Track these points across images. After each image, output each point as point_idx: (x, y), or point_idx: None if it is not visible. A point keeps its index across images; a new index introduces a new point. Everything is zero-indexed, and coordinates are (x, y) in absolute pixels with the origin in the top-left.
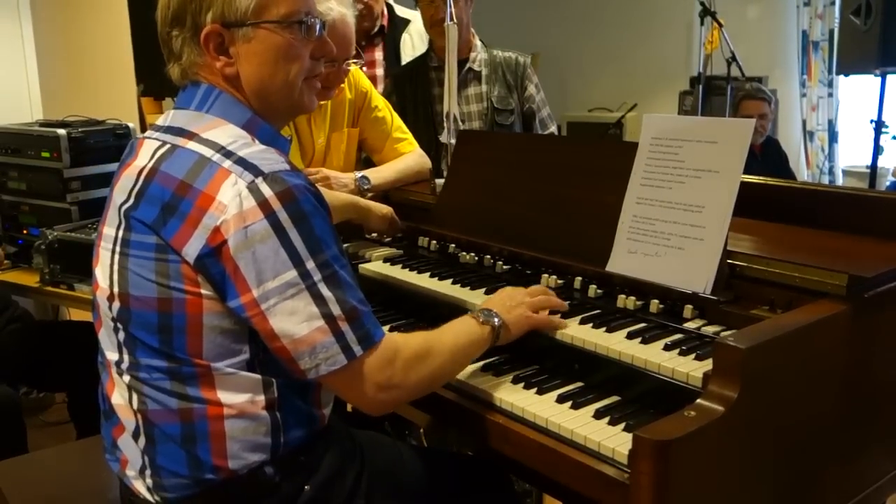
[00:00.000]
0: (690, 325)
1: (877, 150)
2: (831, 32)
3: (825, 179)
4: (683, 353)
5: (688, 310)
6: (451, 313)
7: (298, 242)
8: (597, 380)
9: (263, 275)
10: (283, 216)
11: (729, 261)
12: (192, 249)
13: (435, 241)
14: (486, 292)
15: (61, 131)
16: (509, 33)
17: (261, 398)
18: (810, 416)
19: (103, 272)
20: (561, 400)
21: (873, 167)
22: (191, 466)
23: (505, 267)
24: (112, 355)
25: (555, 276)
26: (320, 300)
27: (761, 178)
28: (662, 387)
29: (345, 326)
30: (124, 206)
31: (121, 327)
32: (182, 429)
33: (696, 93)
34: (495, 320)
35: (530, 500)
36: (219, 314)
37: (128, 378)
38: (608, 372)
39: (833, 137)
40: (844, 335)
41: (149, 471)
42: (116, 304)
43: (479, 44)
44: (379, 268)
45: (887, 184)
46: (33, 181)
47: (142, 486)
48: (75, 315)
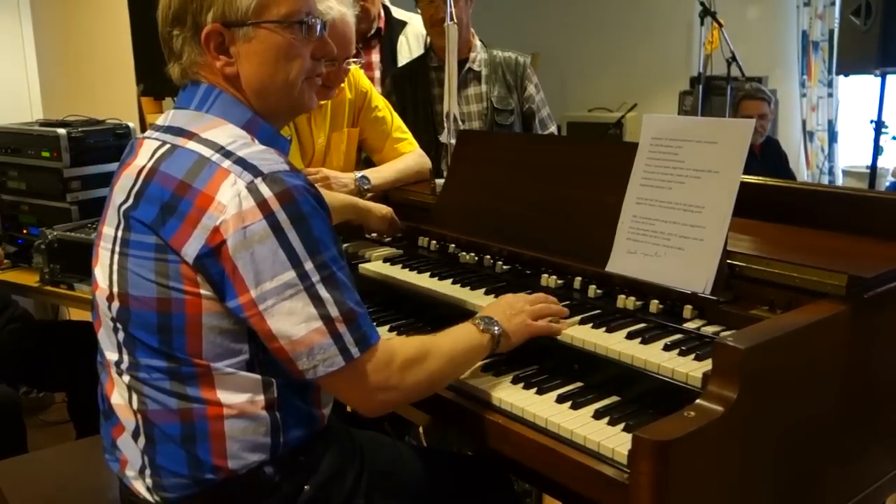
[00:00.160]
0: (690, 326)
1: (876, 151)
2: (831, 32)
3: (825, 180)
4: (683, 354)
5: (687, 310)
6: (451, 313)
7: (297, 243)
8: (596, 380)
9: (262, 275)
10: (281, 217)
11: (729, 261)
12: (192, 249)
13: (435, 241)
14: (486, 292)
15: (61, 131)
16: (509, 33)
17: (260, 398)
18: (810, 417)
19: (103, 272)
20: (561, 400)
21: (873, 167)
22: (190, 466)
23: (505, 267)
24: (111, 355)
25: (554, 277)
26: (318, 301)
27: (761, 178)
28: (662, 387)
29: (342, 328)
30: (124, 206)
31: (120, 327)
32: (182, 429)
33: (696, 93)
34: (495, 329)
35: (530, 500)
36: (218, 314)
37: (127, 378)
38: (608, 372)
39: (833, 137)
40: (844, 335)
41: (148, 471)
42: (116, 303)
43: (478, 44)
44: (379, 268)
45: (887, 184)
46: (33, 181)
47: (141, 486)
48: (75, 315)
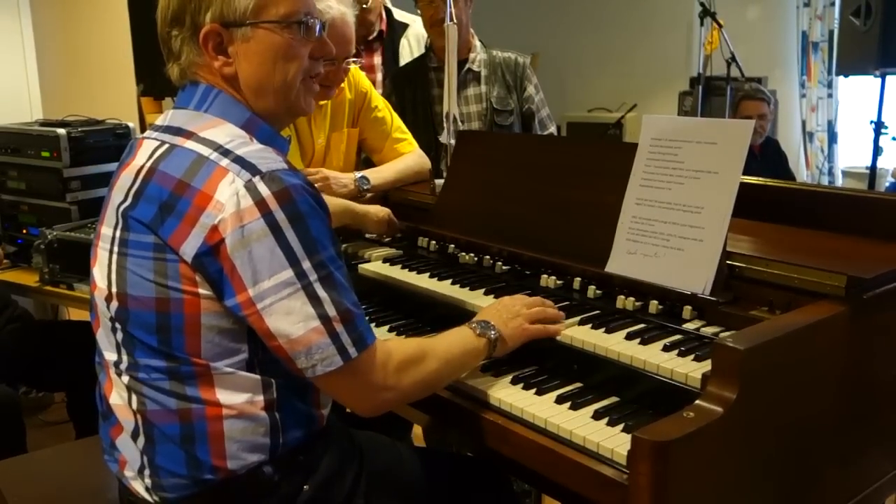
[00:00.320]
0: (689, 326)
1: (876, 151)
2: (831, 33)
3: (824, 180)
4: (682, 354)
5: (687, 311)
6: (451, 314)
7: (295, 242)
8: (596, 380)
9: (259, 274)
10: (279, 216)
11: (728, 262)
12: (190, 248)
13: (434, 242)
14: (486, 293)
15: (61, 131)
16: (509, 33)
17: (260, 398)
18: (809, 417)
19: (101, 272)
20: (560, 400)
21: (873, 168)
22: (190, 466)
23: (504, 267)
24: (110, 355)
25: (554, 277)
26: (316, 301)
27: (761, 178)
28: (661, 387)
29: (340, 328)
30: (122, 206)
31: (119, 327)
32: (181, 429)
33: (695, 93)
34: (492, 333)
35: (529, 500)
36: (217, 314)
37: (126, 378)
38: (607, 372)
39: (832, 138)
40: (843, 336)
41: (147, 471)
42: (114, 303)
43: (478, 44)
44: (378, 268)
45: (886, 185)
46: (33, 181)
47: (140, 486)
48: (75, 315)
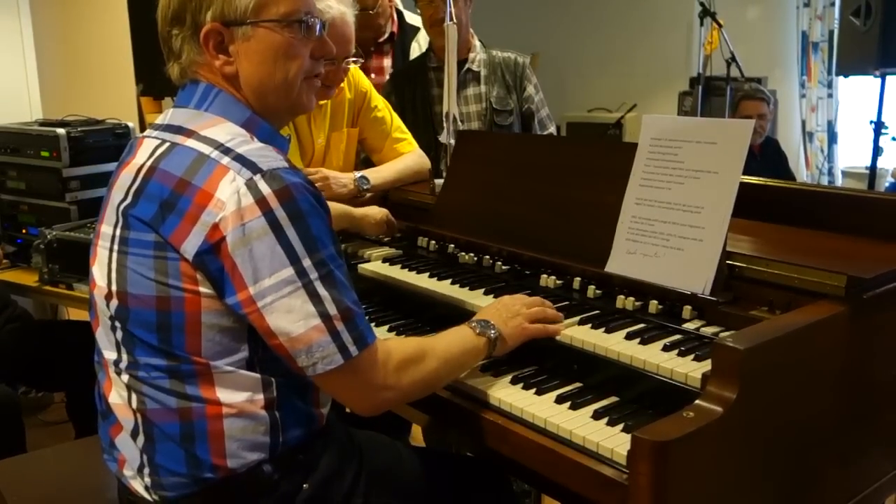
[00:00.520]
0: (689, 326)
1: (876, 151)
2: (831, 33)
3: (824, 180)
4: (682, 354)
5: (687, 310)
6: (450, 313)
7: (295, 240)
8: (596, 380)
9: (260, 272)
10: (280, 214)
11: (728, 261)
12: (191, 246)
13: (434, 242)
14: (486, 293)
15: (60, 131)
16: (509, 33)
17: (260, 397)
18: (809, 417)
19: (101, 270)
20: (560, 400)
21: (873, 168)
22: (189, 465)
23: (504, 267)
24: (110, 354)
25: (554, 277)
26: (316, 299)
27: (761, 178)
28: (661, 387)
29: (340, 326)
30: (122, 205)
31: (119, 326)
32: (181, 428)
33: (695, 93)
34: (492, 332)
35: (529, 500)
36: (217, 312)
37: (126, 377)
38: (607, 372)
39: (832, 138)
40: (843, 336)
41: (147, 470)
42: (114, 302)
43: (477, 44)
44: (378, 268)
45: (886, 185)
46: (32, 180)
47: (140, 485)
48: (74, 315)
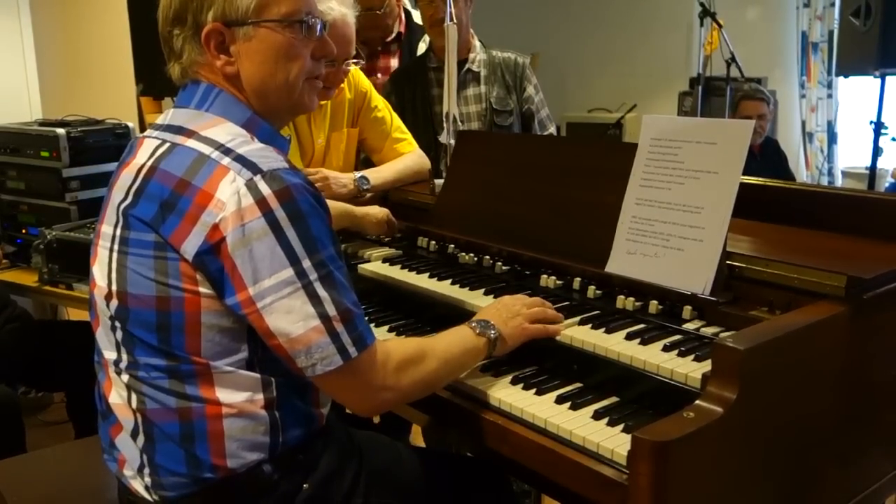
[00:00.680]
0: (689, 326)
1: (876, 152)
2: (831, 34)
3: (824, 181)
4: (682, 354)
5: (687, 311)
6: (450, 314)
7: (295, 241)
8: (596, 380)
9: (260, 273)
10: (280, 214)
11: (728, 262)
12: (191, 246)
13: (434, 242)
14: (486, 293)
15: (60, 131)
16: (509, 33)
17: (259, 397)
18: (809, 418)
19: (101, 270)
20: (560, 401)
21: (872, 168)
22: (189, 465)
23: (504, 267)
24: (110, 354)
25: (554, 277)
26: (316, 300)
27: (760, 179)
28: (661, 388)
29: (340, 327)
30: (123, 205)
31: (119, 326)
32: (181, 428)
33: (695, 94)
34: (492, 332)
35: (529, 500)
36: (217, 313)
37: (126, 377)
38: (607, 373)
39: (832, 139)
40: (843, 336)
41: (147, 469)
42: (114, 302)
43: (477, 44)
44: (378, 268)
45: (886, 185)
46: (32, 180)
47: (139, 485)
48: (74, 315)
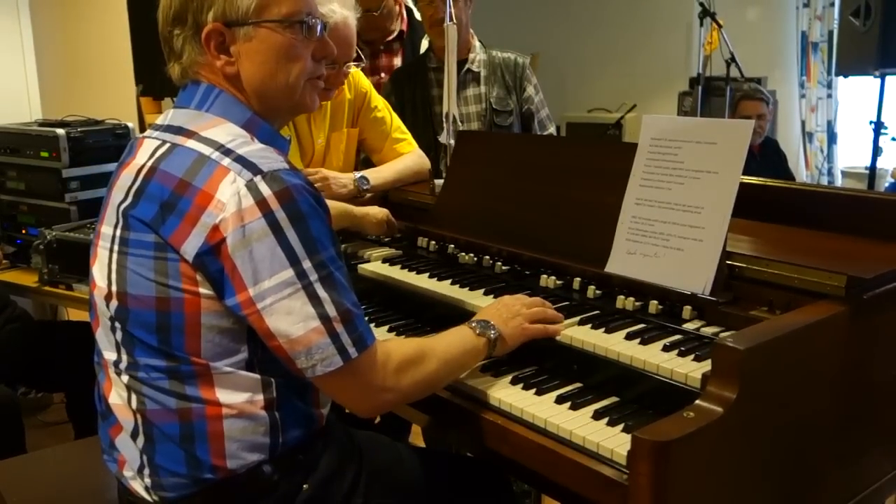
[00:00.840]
0: (689, 326)
1: (876, 152)
2: (830, 34)
3: (824, 180)
4: (682, 354)
5: (687, 311)
6: (450, 314)
7: (295, 242)
8: (596, 380)
9: (260, 274)
10: (280, 215)
11: (728, 262)
12: (191, 247)
13: (434, 242)
14: (485, 293)
15: (60, 131)
16: (509, 33)
17: (259, 398)
18: (809, 417)
19: (101, 271)
20: (560, 401)
21: (872, 168)
22: (189, 466)
23: (504, 268)
24: (110, 355)
25: (554, 277)
26: (316, 301)
27: (760, 178)
28: (661, 388)
29: (340, 328)
30: (123, 205)
31: (119, 326)
32: (181, 428)
33: (695, 94)
34: (492, 332)
35: (529, 500)
36: (217, 313)
37: (126, 378)
38: (607, 373)
39: (832, 138)
40: (843, 336)
41: (147, 470)
42: (114, 302)
43: (477, 44)
44: (378, 268)
45: (886, 185)
46: (32, 181)
47: (139, 485)
48: (74, 315)
